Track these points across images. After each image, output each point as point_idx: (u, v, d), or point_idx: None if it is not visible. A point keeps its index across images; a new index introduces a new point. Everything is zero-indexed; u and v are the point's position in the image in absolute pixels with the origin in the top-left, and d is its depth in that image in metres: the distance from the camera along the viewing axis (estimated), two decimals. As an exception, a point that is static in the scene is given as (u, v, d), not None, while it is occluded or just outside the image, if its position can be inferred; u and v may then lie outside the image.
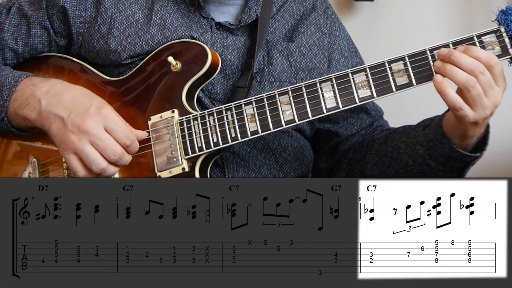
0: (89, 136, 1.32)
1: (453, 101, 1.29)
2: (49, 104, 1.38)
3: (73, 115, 1.34)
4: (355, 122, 1.66)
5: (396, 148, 1.53)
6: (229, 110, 1.42)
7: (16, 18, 1.58)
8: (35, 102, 1.40)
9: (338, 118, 1.65)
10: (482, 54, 1.29)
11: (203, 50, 1.47)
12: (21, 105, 1.42)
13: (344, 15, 2.16)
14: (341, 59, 1.66)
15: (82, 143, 1.32)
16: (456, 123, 1.34)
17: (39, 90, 1.41)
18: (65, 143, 1.34)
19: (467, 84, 1.27)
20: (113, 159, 1.34)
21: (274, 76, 1.56)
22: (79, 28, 1.56)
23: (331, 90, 1.37)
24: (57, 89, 1.40)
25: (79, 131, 1.33)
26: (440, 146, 1.40)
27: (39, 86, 1.42)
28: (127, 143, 1.36)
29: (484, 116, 1.30)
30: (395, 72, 1.34)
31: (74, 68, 1.58)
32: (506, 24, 1.30)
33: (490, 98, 1.29)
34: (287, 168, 1.58)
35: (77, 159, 1.34)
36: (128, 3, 1.56)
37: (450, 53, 1.29)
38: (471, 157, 1.39)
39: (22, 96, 1.43)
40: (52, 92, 1.40)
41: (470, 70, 1.28)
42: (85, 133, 1.32)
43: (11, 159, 1.57)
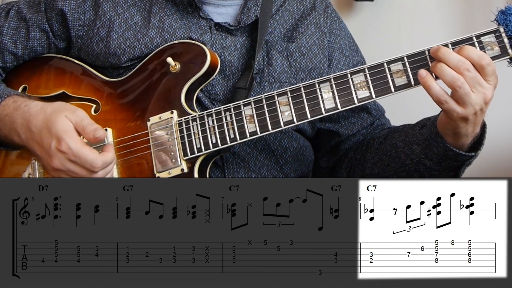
0: (62, 172, 1.35)
1: (437, 94, 1.30)
2: (27, 139, 1.39)
3: (43, 154, 1.36)
4: (356, 122, 1.66)
5: (395, 147, 1.53)
6: (228, 111, 1.42)
7: (15, 21, 1.58)
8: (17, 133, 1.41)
9: (339, 117, 1.65)
10: (474, 53, 1.29)
11: (202, 51, 1.47)
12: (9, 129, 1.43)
13: (344, 15, 2.16)
14: (342, 58, 1.66)
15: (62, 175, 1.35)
16: (446, 120, 1.34)
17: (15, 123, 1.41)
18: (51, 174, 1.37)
19: (453, 83, 1.28)
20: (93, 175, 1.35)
21: (274, 77, 1.56)
22: (78, 31, 1.56)
23: (330, 91, 1.37)
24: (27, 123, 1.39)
25: (53, 170, 1.35)
26: (435, 145, 1.40)
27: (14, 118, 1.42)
28: (95, 170, 1.35)
29: (473, 111, 1.30)
30: (394, 73, 1.34)
31: (75, 69, 1.58)
32: (505, 24, 1.30)
33: (478, 95, 1.29)
34: (287, 169, 1.58)
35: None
36: (126, 6, 1.56)
37: (438, 49, 1.30)
38: (465, 156, 1.39)
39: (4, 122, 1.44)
40: (25, 127, 1.39)
41: (455, 67, 1.28)
42: (58, 171, 1.34)
43: (11, 160, 1.57)
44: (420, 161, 1.46)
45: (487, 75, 1.29)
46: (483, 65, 1.28)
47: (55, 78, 1.58)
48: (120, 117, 1.49)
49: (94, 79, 1.56)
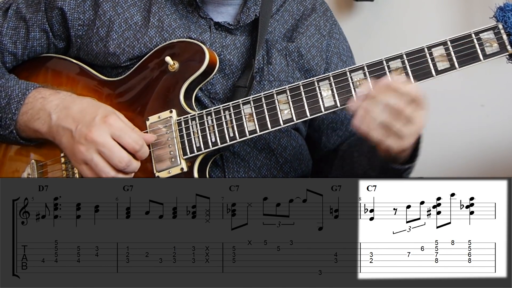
0: (96, 146, 1.33)
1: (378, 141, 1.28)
2: (59, 118, 1.40)
3: (80, 126, 1.36)
4: (343, 135, 1.66)
5: (351, 156, 1.54)
6: (227, 109, 1.42)
7: (14, 21, 1.58)
8: (46, 116, 1.42)
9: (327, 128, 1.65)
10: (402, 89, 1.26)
11: (201, 50, 1.46)
12: (32, 118, 1.44)
13: (344, 15, 2.16)
14: (340, 63, 1.66)
15: (90, 153, 1.34)
16: None
17: (49, 104, 1.43)
18: (75, 155, 1.36)
19: (388, 124, 1.26)
20: (120, 166, 1.34)
21: (274, 76, 1.56)
22: (78, 30, 1.56)
23: (329, 88, 1.37)
24: (66, 102, 1.42)
25: (86, 142, 1.34)
26: (376, 158, 1.40)
27: (49, 100, 1.43)
28: (136, 148, 1.36)
29: (408, 144, 1.29)
30: (393, 70, 1.34)
31: (72, 69, 1.58)
32: (504, 21, 1.30)
33: (414, 127, 1.27)
34: (287, 168, 1.58)
35: (89, 169, 1.35)
36: (126, 6, 1.56)
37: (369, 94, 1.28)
38: (401, 170, 1.38)
39: (32, 109, 1.44)
40: (61, 106, 1.41)
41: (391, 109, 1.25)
42: (92, 142, 1.34)
43: (10, 160, 1.57)
44: (366, 172, 1.47)
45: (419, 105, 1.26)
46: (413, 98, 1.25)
47: (53, 78, 1.58)
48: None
49: (92, 78, 1.56)
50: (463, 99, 2.08)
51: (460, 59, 1.31)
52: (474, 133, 2.07)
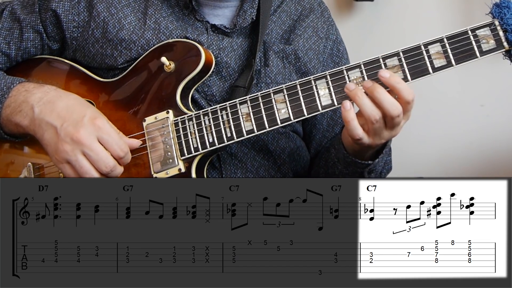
0: (82, 147, 1.31)
1: (355, 131, 1.30)
2: (42, 112, 1.36)
3: (66, 124, 1.33)
4: (329, 136, 1.67)
5: (328, 150, 1.57)
6: (224, 109, 1.42)
7: (8, 22, 1.57)
8: (28, 108, 1.38)
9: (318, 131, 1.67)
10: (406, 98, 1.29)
11: (196, 50, 1.46)
12: (14, 111, 1.41)
13: (344, 15, 2.16)
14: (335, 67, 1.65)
15: (75, 153, 1.31)
16: (352, 143, 1.36)
17: (32, 96, 1.39)
18: (58, 153, 1.33)
19: (372, 118, 1.28)
20: (104, 171, 1.33)
21: (271, 78, 1.55)
22: (73, 32, 1.55)
23: (326, 87, 1.37)
24: (50, 96, 1.38)
25: (72, 141, 1.31)
26: (340, 150, 1.41)
27: (33, 93, 1.40)
28: (121, 154, 1.35)
29: (379, 143, 1.33)
30: (390, 68, 1.34)
31: (68, 70, 1.58)
32: (500, 17, 1.29)
33: (392, 133, 1.32)
34: (285, 169, 1.58)
35: (71, 169, 1.33)
36: (120, 6, 1.55)
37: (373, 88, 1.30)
38: (363, 164, 1.40)
39: (15, 102, 1.41)
40: (45, 99, 1.37)
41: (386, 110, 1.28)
42: (78, 143, 1.31)
43: (6, 163, 1.56)
44: (334, 164, 1.49)
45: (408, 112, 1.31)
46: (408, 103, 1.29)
47: (48, 80, 1.56)
48: (115, 118, 1.47)
49: (88, 80, 1.55)
50: (463, 99, 2.08)
51: (456, 56, 1.32)
52: (474, 133, 2.08)
